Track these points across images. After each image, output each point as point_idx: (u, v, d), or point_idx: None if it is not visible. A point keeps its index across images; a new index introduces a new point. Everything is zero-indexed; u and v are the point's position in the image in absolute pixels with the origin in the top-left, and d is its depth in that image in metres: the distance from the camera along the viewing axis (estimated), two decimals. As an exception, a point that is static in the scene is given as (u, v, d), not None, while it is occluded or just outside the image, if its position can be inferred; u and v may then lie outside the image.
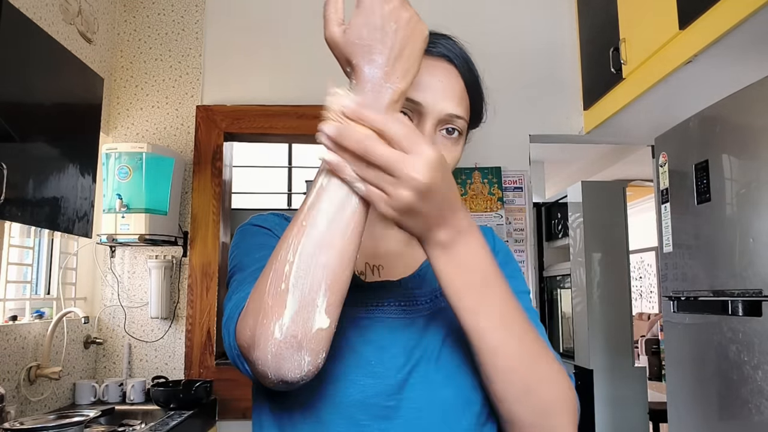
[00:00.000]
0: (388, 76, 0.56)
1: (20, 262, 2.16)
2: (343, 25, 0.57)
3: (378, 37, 0.55)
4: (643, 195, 7.62)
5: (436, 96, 0.70)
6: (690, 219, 1.91)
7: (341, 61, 0.59)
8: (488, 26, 2.71)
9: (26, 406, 1.93)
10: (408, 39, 0.57)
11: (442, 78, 0.71)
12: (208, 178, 2.54)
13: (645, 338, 7.33)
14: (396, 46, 0.56)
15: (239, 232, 0.77)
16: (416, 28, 0.57)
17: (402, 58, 0.56)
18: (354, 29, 0.56)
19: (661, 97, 2.19)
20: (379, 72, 0.56)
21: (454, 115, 0.71)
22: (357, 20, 0.56)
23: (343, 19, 0.58)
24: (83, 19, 2.27)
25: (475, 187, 2.58)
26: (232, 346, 0.61)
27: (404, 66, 0.57)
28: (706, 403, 1.83)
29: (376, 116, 0.52)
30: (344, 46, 0.57)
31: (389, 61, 0.56)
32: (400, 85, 0.56)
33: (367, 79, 0.56)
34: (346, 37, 0.56)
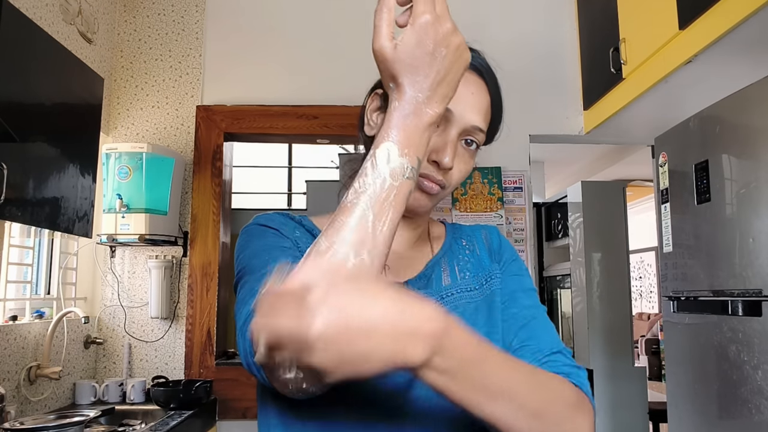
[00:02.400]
0: (429, 100, 0.57)
1: (20, 262, 2.16)
2: (393, 39, 0.57)
3: (427, 60, 0.57)
4: (643, 195, 7.62)
5: (466, 107, 0.71)
6: (690, 219, 1.91)
7: (384, 76, 0.59)
8: (488, 26, 2.71)
9: (26, 406, 1.93)
10: (453, 65, 0.58)
11: (474, 90, 0.73)
12: (208, 178, 2.54)
13: (645, 338, 7.33)
14: (442, 71, 0.57)
15: (244, 233, 0.76)
16: (462, 55, 0.59)
17: (444, 84, 0.58)
18: (405, 48, 0.57)
19: (661, 97, 2.19)
20: (422, 96, 0.57)
21: (477, 127, 0.73)
22: (409, 39, 0.56)
23: (394, 33, 0.58)
24: (83, 19, 2.27)
25: (475, 187, 2.58)
26: (249, 353, 0.58)
27: (445, 91, 0.58)
28: (706, 402, 1.83)
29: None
30: (392, 63, 0.57)
31: (433, 85, 0.57)
32: (437, 110, 0.58)
33: (410, 101, 0.57)
34: (397, 54, 0.57)
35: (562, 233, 3.74)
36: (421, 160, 0.60)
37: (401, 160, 0.58)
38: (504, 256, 0.82)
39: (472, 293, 0.76)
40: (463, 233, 0.85)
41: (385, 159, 0.58)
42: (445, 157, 0.69)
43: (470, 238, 0.84)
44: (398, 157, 0.58)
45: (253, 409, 2.38)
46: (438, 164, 0.70)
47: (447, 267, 0.79)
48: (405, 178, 0.58)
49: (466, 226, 0.87)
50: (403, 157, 0.58)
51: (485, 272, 0.79)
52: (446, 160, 0.69)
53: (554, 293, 3.95)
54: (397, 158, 0.58)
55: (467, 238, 0.84)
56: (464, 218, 2.55)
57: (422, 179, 0.71)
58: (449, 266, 0.79)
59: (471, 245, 0.83)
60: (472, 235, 0.84)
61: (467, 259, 0.80)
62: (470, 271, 0.79)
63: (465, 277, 0.78)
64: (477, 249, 0.82)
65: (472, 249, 0.82)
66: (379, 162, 0.58)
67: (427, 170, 0.70)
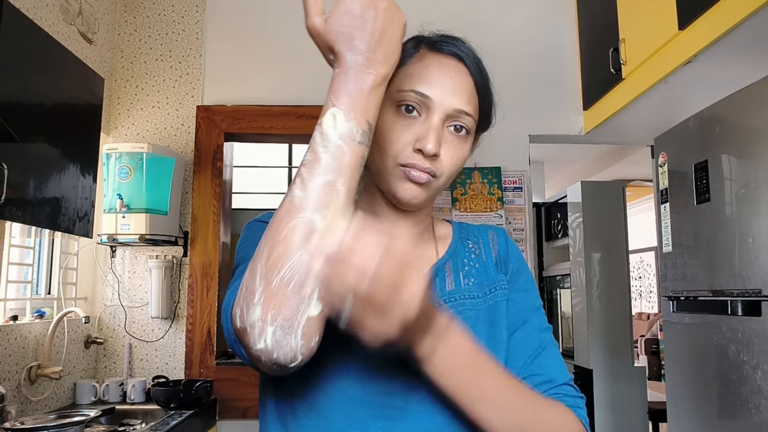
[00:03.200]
0: (369, 62, 0.58)
1: (21, 262, 2.16)
2: (323, 14, 0.59)
3: (358, 23, 0.58)
4: (642, 195, 7.62)
5: (446, 91, 0.71)
6: (689, 219, 1.92)
7: (323, 50, 0.61)
8: (488, 26, 2.71)
9: (27, 405, 1.93)
10: (387, 26, 0.59)
11: (452, 75, 0.72)
12: (209, 178, 2.54)
13: (644, 338, 7.34)
14: (376, 33, 0.58)
15: (246, 228, 0.78)
16: (394, 15, 0.60)
17: (382, 45, 0.59)
18: (334, 17, 0.59)
19: (661, 97, 2.19)
20: (360, 58, 0.58)
21: (461, 110, 0.71)
22: (337, 9, 0.59)
23: (323, 9, 0.60)
24: (84, 19, 2.27)
25: (475, 187, 2.58)
26: (229, 331, 0.61)
27: (384, 52, 0.59)
28: (705, 402, 1.83)
29: (365, 260, 0.52)
30: (325, 34, 0.59)
31: (370, 47, 0.58)
32: (381, 70, 0.59)
33: (349, 66, 0.59)
34: (327, 25, 0.59)
35: (561, 233, 3.74)
36: (372, 124, 0.60)
37: (348, 124, 0.58)
38: (510, 265, 0.81)
39: (475, 301, 0.75)
40: (470, 234, 0.83)
41: (332, 124, 0.58)
42: (428, 143, 0.68)
43: (477, 239, 0.82)
44: (345, 121, 0.58)
45: (253, 408, 2.38)
46: (422, 152, 0.68)
47: (451, 271, 0.78)
48: (357, 143, 0.59)
49: (474, 225, 0.86)
50: (351, 121, 0.58)
51: (490, 281, 0.78)
52: (429, 147, 0.68)
53: (554, 293, 3.95)
54: (344, 122, 0.58)
55: (474, 239, 0.82)
56: (464, 218, 2.55)
57: (408, 169, 0.69)
58: (454, 271, 0.78)
59: (477, 248, 0.81)
60: (479, 236, 0.83)
61: (473, 264, 0.79)
62: (475, 278, 0.78)
63: (469, 283, 0.77)
64: (483, 254, 0.81)
65: (478, 253, 0.81)
66: (325, 128, 0.58)
67: (412, 159, 0.69)
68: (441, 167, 0.71)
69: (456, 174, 0.75)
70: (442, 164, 0.71)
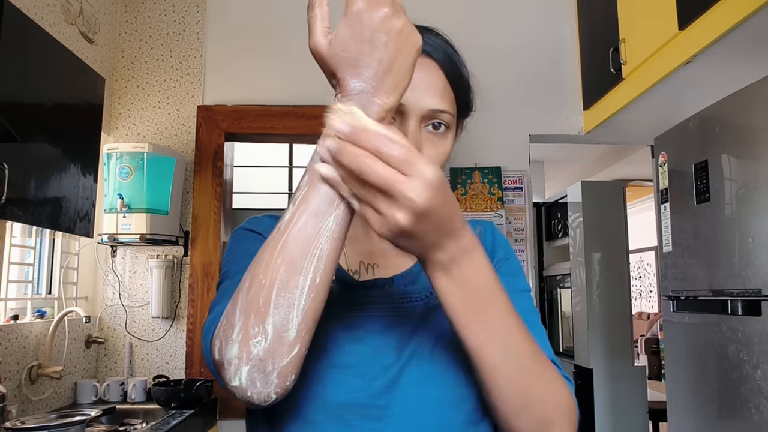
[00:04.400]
0: (375, 91, 0.52)
1: (22, 262, 2.16)
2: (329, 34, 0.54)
3: (366, 50, 0.52)
4: (642, 195, 7.63)
5: (417, 93, 0.67)
6: (689, 219, 1.92)
7: (326, 73, 0.55)
8: (488, 26, 2.71)
9: (27, 405, 1.94)
10: (399, 52, 0.53)
11: (421, 74, 0.67)
12: (209, 178, 2.54)
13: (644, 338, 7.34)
14: (385, 60, 0.52)
15: (233, 237, 0.77)
16: (408, 39, 0.53)
17: (391, 73, 0.53)
18: (340, 40, 0.52)
19: (661, 97, 2.19)
20: (365, 86, 0.52)
21: (437, 110, 0.68)
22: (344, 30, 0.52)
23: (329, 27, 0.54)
24: (84, 19, 2.27)
25: (475, 187, 2.58)
26: (207, 357, 0.60)
27: (394, 80, 0.53)
28: (705, 402, 1.83)
29: (373, 138, 0.49)
30: (329, 59, 0.53)
31: (377, 75, 0.52)
32: (387, 101, 0.53)
33: (352, 94, 0.53)
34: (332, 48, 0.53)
35: (562, 233, 3.74)
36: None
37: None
38: (497, 254, 0.79)
39: None
40: None
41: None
42: None
43: None
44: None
45: (253, 408, 2.38)
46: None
47: None
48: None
49: None
50: None
51: None
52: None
53: (554, 293, 3.95)
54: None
55: None
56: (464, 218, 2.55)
57: None
58: None
59: None
60: None
61: None
62: None
63: None
64: None
65: None
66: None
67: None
68: None
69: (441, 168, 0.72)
70: None
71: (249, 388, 0.53)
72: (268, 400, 0.54)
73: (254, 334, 0.52)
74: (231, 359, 0.53)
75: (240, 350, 0.52)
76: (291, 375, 0.54)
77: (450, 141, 0.72)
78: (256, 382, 0.53)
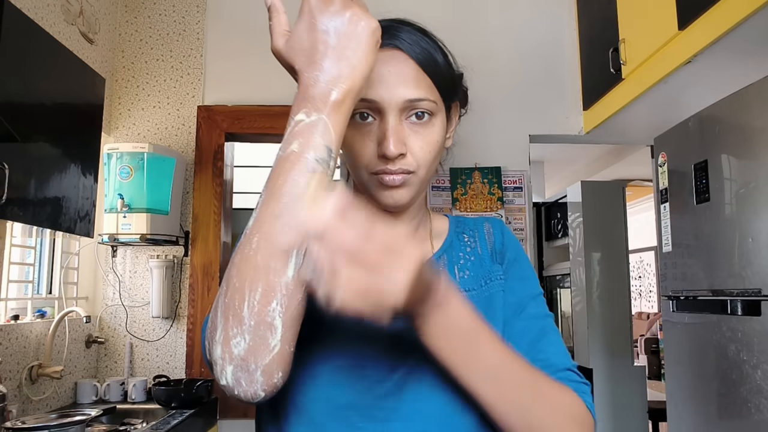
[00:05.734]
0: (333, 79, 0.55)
1: (22, 262, 2.16)
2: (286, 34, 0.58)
3: (321, 39, 0.55)
4: (642, 195, 7.62)
5: (389, 87, 0.66)
6: (689, 219, 1.92)
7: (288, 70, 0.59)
8: (488, 26, 2.71)
9: (28, 405, 1.94)
10: (351, 37, 0.56)
11: (391, 67, 0.67)
12: (209, 178, 2.54)
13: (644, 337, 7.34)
14: (338, 46, 0.55)
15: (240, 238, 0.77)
16: (359, 24, 0.56)
17: (345, 58, 0.55)
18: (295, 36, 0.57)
19: (661, 97, 2.19)
20: (321, 74, 0.55)
21: (413, 99, 0.67)
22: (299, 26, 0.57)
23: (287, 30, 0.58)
24: (85, 19, 2.27)
25: (475, 187, 2.59)
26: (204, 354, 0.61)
27: (350, 64, 0.56)
28: (705, 402, 1.84)
29: (351, 241, 0.50)
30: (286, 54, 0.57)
31: (332, 62, 0.55)
32: (345, 85, 0.56)
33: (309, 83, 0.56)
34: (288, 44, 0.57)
35: (561, 233, 3.75)
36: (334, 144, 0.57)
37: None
38: (507, 255, 0.79)
39: (471, 293, 0.74)
40: (466, 227, 0.82)
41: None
42: (388, 146, 0.65)
43: (473, 232, 0.81)
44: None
45: (253, 408, 2.38)
46: (386, 156, 0.65)
47: (446, 265, 0.76)
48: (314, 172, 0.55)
49: (470, 219, 0.84)
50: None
51: (485, 273, 0.76)
52: (390, 149, 0.65)
53: (554, 293, 3.95)
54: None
55: (470, 232, 0.81)
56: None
57: (381, 176, 0.67)
58: (449, 265, 0.77)
59: (473, 241, 0.80)
60: (475, 229, 0.81)
61: (468, 257, 0.78)
62: (470, 270, 0.77)
63: (464, 276, 0.76)
64: (479, 246, 0.79)
65: (473, 246, 0.79)
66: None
67: (380, 165, 0.67)
68: (414, 161, 0.68)
69: (437, 158, 0.72)
70: (415, 156, 0.68)
71: (235, 387, 0.54)
72: (256, 398, 0.55)
73: (233, 335, 0.54)
74: (216, 359, 0.55)
75: (223, 351, 0.54)
76: (277, 372, 0.55)
77: (438, 128, 0.70)
78: (241, 380, 0.54)
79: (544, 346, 0.72)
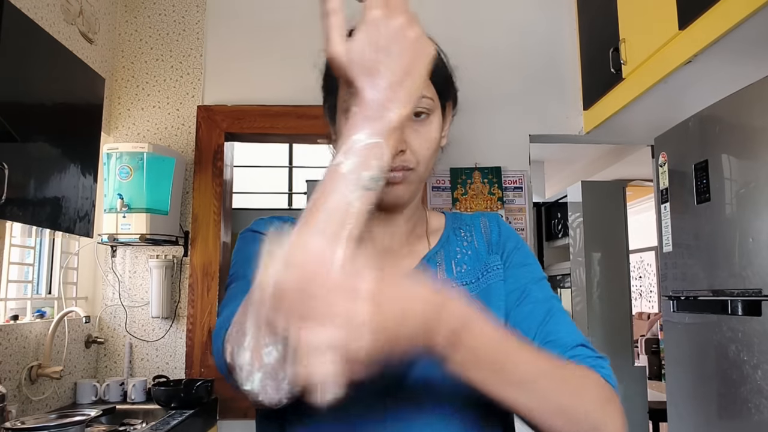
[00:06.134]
0: (390, 101, 0.53)
1: (21, 262, 2.16)
2: (345, 42, 0.54)
3: (382, 59, 0.53)
4: (642, 195, 7.62)
5: None
6: (689, 219, 1.92)
7: (341, 80, 0.56)
8: (488, 26, 2.71)
9: (27, 405, 1.93)
10: (413, 62, 0.54)
11: None
12: (209, 178, 2.54)
13: (645, 338, 7.34)
14: (400, 70, 0.53)
15: (240, 238, 0.77)
16: (422, 50, 0.55)
17: (406, 83, 0.54)
18: (357, 48, 0.53)
19: (661, 97, 2.19)
20: (381, 97, 0.53)
21: None
22: (360, 38, 0.54)
23: (345, 35, 0.55)
24: (84, 19, 2.27)
25: (475, 187, 2.58)
26: (219, 359, 0.61)
27: (408, 90, 0.54)
28: (705, 402, 1.83)
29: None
30: (347, 67, 0.54)
31: (392, 85, 0.53)
32: (403, 111, 0.54)
33: (369, 105, 0.54)
34: (349, 56, 0.54)
35: (562, 233, 3.74)
36: (385, 167, 0.55)
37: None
38: (506, 245, 0.79)
39: (469, 287, 0.75)
40: (463, 222, 0.82)
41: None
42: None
43: (469, 227, 0.82)
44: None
45: (253, 408, 2.38)
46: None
47: (443, 261, 0.77)
48: (366, 189, 0.53)
49: (467, 214, 0.84)
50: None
51: (482, 265, 0.77)
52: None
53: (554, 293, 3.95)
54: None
55: (466, 228, 0.82)
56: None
57: None
58: (445, 260, 0.77)
59: (469, 236, 0.80)
60: (471, 225, 0.82)
61: (465, 252, 0.78)
62: (467, 264, 0.77)
63: (461, 270, 0.76)
64: (475, 240, 0.80)
65: (470, 240, 0.80)
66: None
67: None
68: (413, 157, 0.69)
69: (434, 155, 0.72)
70: (415, 153, 0.69)
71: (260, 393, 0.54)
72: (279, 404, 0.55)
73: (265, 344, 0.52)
74: (243, 365, 0.54)
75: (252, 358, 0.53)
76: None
77: (435, 126, 0.71)
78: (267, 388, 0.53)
79: (553, 326, 0.71)
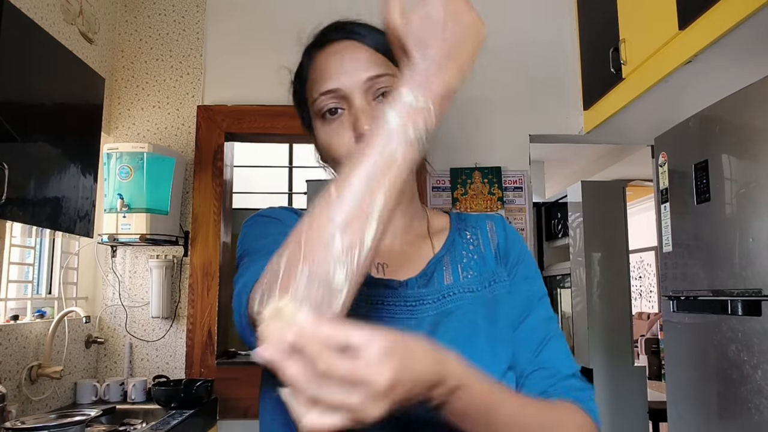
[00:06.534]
0: (439, 71, 0.56)
1: (22, 262, 2.16)
2: (404, 13, 0.57)
3: (437, 32, 0.56)
4: (642, 195, 7.62)
5: (346, 72, 0.71)
6: (689, 219, 1.92)
7: (395, 47, 0.59)
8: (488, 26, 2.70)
9: (27, 405, 1.94)
10: (466, 41, 0.57)
11: (345, 55, 0.72)
12: (209, 178, 2.54)
13: (645, 338, 7.34)
14: (452, 46, 0.56)
15: (248, 224, 0.77)
16: (476, 32, 0.58)
17: (457, 58, 0.56)
18: (415, 20, 0.57)
19: (661, 97, 2.19)
20: (430, 66, 0.56)
21: (372, 77, 0.71)
22: (418, 11, 0.57)
23: (404, 8, 0.58)
24: (84, 19, 2.27)
25: (475, 187, 2.58)
26: (243, 316, 0.60)
27: (458, 64, 0.57)
28: (705, 402, 1.83)
29: (337, 331, 0.44)
30: (404, 37, 0.57)
31: (443, 58, 0.56)
32: (451, 81, 0.56)
33: (420, 70, 0.56)
34: (408, 28, 0.57)
35: (562, 233, 3.74)
36: (431, 131, 0.57)
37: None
38: (511, 256, 0.78)
39: (475, 294, 0.74)
40: (468, 224, 0.82)
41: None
42: (362, 126, 0.68)
43: (475, 230, 0.81)
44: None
45: (253, 408, 2.38)
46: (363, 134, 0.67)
47: (449, 265, 0.76)
48: (409, 144, 0.54)
49: (471, 215, 0.84)
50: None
51: (489, 274, 0.76)
52: (365, 128, 0.67)
53: (554, 293, 3.95)
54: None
55: (472, 230, 0.81)
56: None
57: None
58: (452, 264, 0.76)
59: (475, 239, 0.79)
60: (476, 227, 0.81)
61: (471, 256, 0.77)
62: (474, 270, 0.76)
63: (468, 276, 0.75)
64: (482, 245, 0.79)
65: (476, 244, 0.79)
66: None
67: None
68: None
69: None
70: None
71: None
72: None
73: (296, 286, 0.51)
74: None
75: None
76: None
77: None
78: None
79: (550, 353, 0.73)
